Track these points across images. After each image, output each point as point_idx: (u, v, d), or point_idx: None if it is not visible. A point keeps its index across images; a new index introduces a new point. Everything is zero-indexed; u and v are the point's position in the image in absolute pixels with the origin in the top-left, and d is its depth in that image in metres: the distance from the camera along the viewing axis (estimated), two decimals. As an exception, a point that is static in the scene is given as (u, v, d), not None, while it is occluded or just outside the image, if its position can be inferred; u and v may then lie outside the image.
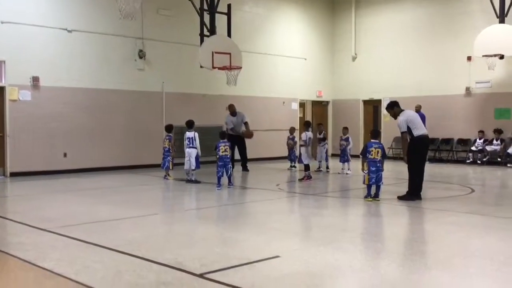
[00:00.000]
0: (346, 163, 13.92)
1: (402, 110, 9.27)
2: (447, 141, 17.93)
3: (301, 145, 12.57)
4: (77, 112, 14.29)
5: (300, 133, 14.02)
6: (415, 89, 18.53)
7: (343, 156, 13.97)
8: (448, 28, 17.84)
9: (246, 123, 14.47)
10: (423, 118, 17.30)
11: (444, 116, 17.91)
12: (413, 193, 9.12)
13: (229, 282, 4.53)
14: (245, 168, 14.54)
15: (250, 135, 14.43)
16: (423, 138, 9.15)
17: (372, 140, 9.36)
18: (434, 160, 17.81)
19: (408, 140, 9.11)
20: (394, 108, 9.34)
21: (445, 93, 17.91)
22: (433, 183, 11.89)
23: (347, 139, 14.12)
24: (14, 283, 4.61)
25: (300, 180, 12.33)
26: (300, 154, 12.51)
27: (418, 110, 17.62)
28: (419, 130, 9.02)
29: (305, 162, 12.22)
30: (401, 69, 18.97)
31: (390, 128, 18.93)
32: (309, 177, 12.23)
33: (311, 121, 14.02)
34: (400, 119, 9.10)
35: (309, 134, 12.49)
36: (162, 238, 6.58)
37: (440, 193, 9.94)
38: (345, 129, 14.46)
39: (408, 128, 9.01)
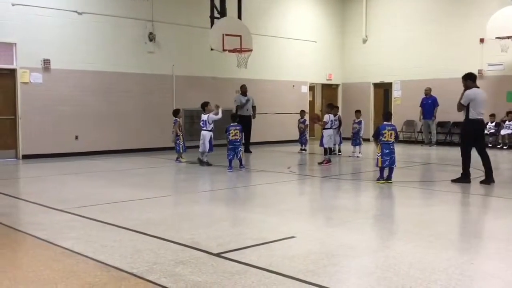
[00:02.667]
0: (357, 147, 13.86)
1: (475, 87, 9.29)
2: (458, 124, 17.77)
3: (323, 128, 12.01)
4: (88, 95, 14.32)
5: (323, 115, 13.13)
6: (426, 72, 18.37)
7: (355, 139, 13.91)
8: (461, 10, 17.59)
9: (254, 107, 15.10)
10: (435, 102, 17.30)
11: (456, 99, 17.65)
12: (466, 175, 9.21)
13: (246, 261, 4.55)
14: (247, 150, 14.41)
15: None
16: (475, 122, 9.15)
17: (385, 123, 9.37)
18: (445, 143, 17.73)
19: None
20: (468, 81, 9.41)
21: (457, 76, 17.38)
22: (444, 166, 11.85)
23: (360, 122, 14.04)
24: (34, 261, 4.66)
25: (320, 163, 12.01)
26: (322, 136, 12.04)
27: (428, 93, 17.53)
28: (476, 114, 9.09)
29: (326, 146, 11.97)
30: (412, 51, 18.77)
31: (401, 112, 18.85)
32: (328, 161, 11.98)
33: (333, 104, 13.61)
34: (468, 93, 9.18)
35: (331, 116, 12.13)
36: (178, 218, 6.62)
37: (453, 176, 9.89)
38: (358, 112, 14.31)
39: (467, 106, 9.14)
